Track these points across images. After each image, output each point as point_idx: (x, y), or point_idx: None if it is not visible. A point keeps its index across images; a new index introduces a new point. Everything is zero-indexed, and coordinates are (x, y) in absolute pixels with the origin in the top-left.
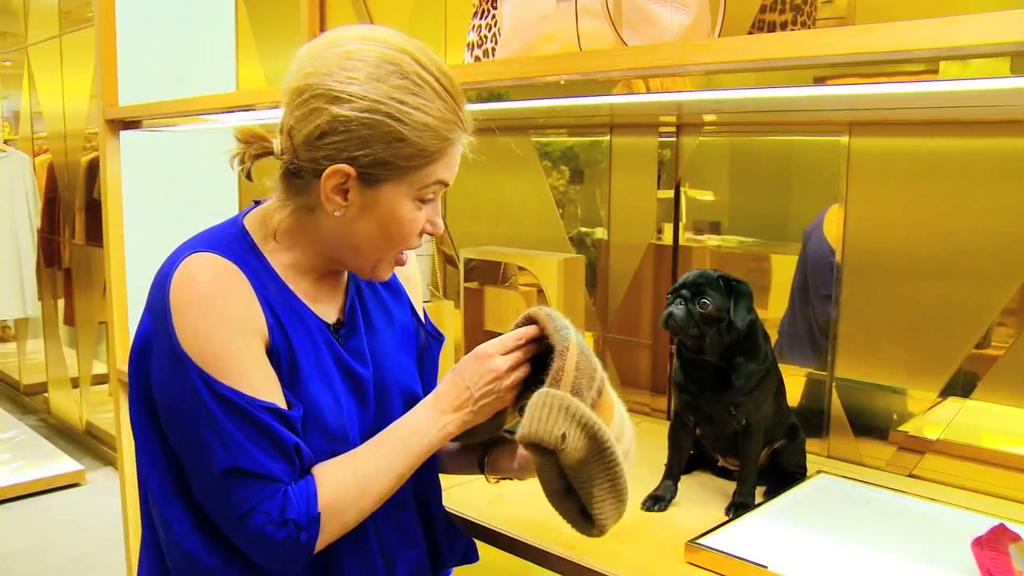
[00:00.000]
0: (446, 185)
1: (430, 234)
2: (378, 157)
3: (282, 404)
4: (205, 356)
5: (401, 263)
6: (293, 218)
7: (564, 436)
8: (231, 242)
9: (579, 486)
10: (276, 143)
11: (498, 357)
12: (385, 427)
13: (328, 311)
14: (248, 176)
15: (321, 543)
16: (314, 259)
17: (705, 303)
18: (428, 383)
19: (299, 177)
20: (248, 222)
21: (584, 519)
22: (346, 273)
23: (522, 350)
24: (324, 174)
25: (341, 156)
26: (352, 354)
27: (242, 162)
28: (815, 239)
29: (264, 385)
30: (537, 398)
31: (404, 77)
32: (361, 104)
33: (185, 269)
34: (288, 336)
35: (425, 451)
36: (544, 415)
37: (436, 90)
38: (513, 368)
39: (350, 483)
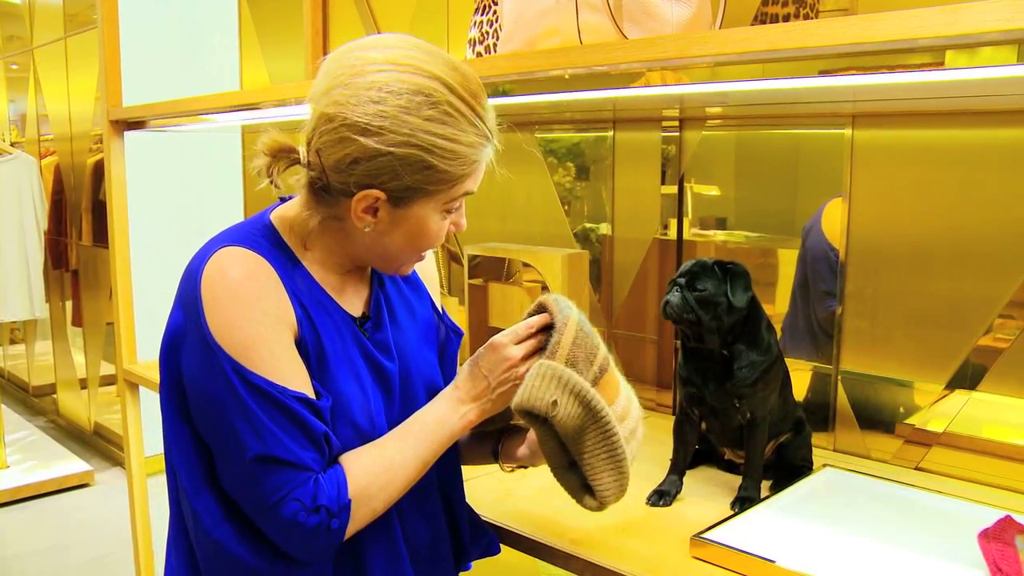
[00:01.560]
0: (471, 193)
1: (455, 232)
2: (409, 185)
3: (311, 394)
4: (236, 347)
5: (422, 258)
6: (321, 227)
7: (555, 403)
8: (260, 237)
9: (578, 458)
10: (302, 151)
11: (512, 346)
12: (369, 406)
13: (354, 304)
14: (276, 185)
15: (351, 530)
16: (341, 259)
17: (700, 287)
18: (448, 377)
19: (328, 193)
20: (276, 220)
21: (586, 492)
22: (370, 268)
23: (535, 338)
24: (355, 197)
25: (372, 182)
26: (378, 347)
27: (269, 175)
28: (814, 235)
29: (294, 376)
30: (532, 369)
31: (434, 106)
32: (392, 138)
33: (216, 262)
34: (316, 329)
35: (448, 439)
36: (537, 383)
37: (467, 116)
38: (527, 356)
39: (378, 471)
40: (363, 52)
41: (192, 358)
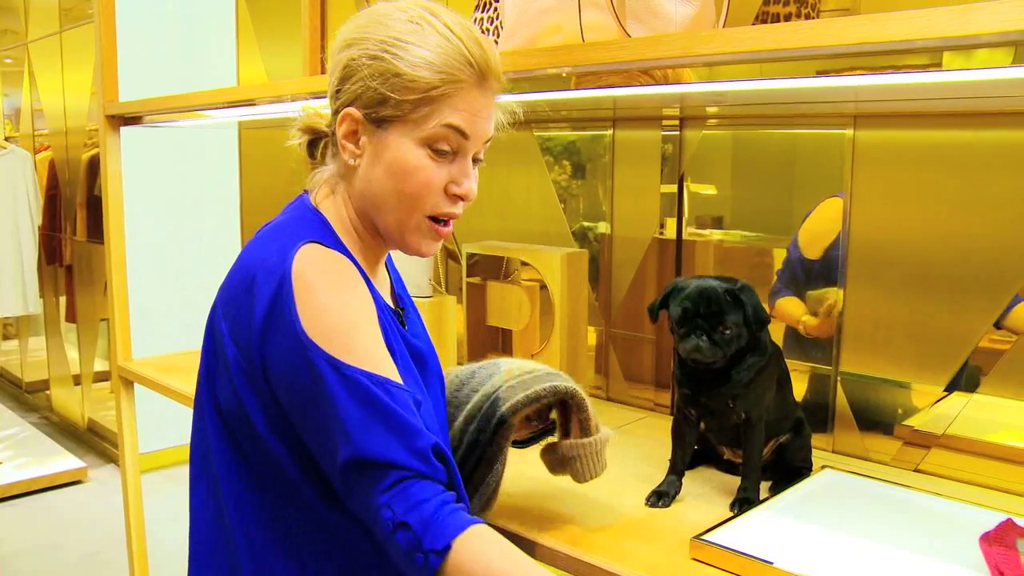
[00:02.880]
0: (463, 135)
1: (457, 196)
2: (377, 92)
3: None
4: (333, 341)
5: (441, 235)
6: (334, 190)
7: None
8: (324, 232)
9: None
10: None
11: None
12: (432, 408)
13: (388, 296)
14: (312, 155)
15: None
16: (363, 233)
17: (727, 328)
18: None
19: (334, 144)
20: (324, 212)
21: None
22: (385, 263)
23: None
24: (337, 121)
25: (351, 100)
26: (414, 336)
27: (302, 139)
28: (794, 249)
29: (391, 366)
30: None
31: (411, 21)
32: (365, 44)
33: (304, 258)
34: (383, 323)
35: None
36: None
37: (441, 31)
38: None
39: (492, 565)
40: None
41: (281, 357)
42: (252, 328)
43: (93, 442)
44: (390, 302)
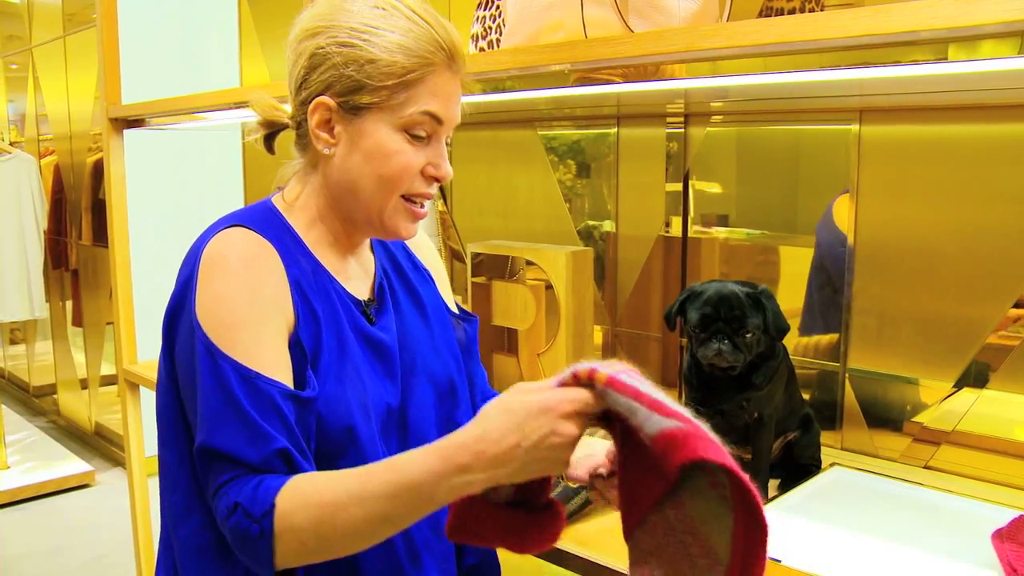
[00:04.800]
0: (438, 120)
1: (434, 179)
2: (353, 80)
3: (290, 384)
4: (216, 327)
5: (417, 215)
6: (303, 180)
7: None
8: (264, 218)
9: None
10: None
11: (570, 423)
12: (410, 412)
13: (359, 289)
14: (270, 150)
15: (281, 553)
16: (334, 224)
17: (749, 332)
18: (473, 369)
19: (302, 134)
20: (278, 202)
21: None
22: (374, 256)
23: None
24: (308, 111)
25: (322, 90)
26: (380, 330)
27: (260, 133)
28: (827, 231)
29: (272, 363)
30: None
31: (377, 7)
32: (332, 32)
33: (218, 242)
34: (316, 317)
35: (426, 507)
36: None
37: (409, 16)
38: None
39: (312, 502)
40: None
41: (182, 336)
42: (167, 307)
43: (100, 446)
44: (362, 294)
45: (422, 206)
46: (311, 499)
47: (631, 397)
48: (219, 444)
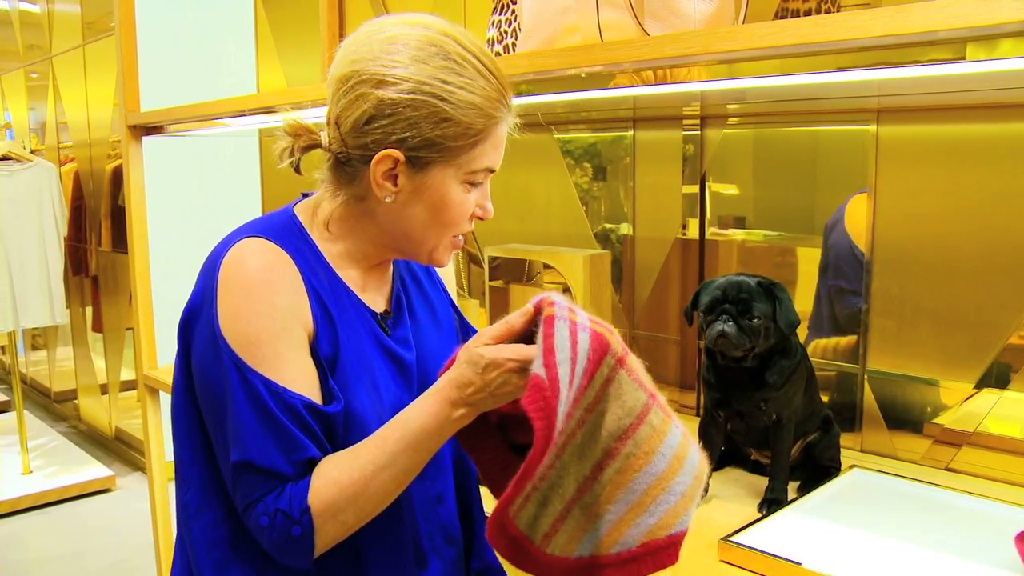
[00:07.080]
0: (493, 171)
1: (480, 218)
2: (426, 138)
3: (316, 399)
4: (241, 341)
5: (458, 247)
6: (344, 208)
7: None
8: (283, 229)
9: None
10: (324, 135)
11: (515, 374)
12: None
13: (376, 301)
14: (297, 170)
15: (322, 542)
16: (366, 247)
17: (755, 317)
18: None
19: (348, 166)
20: (299, 211)
21: None
22: (391, 266)
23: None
24: (373, 160)
25: (389, 140)
26: (398, 342)
27: (291, 155)
28: (837, 232)
29: (298, 377)
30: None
31: (447, 58)
32: (406, 86)
33: (236, 253)
34: (335, 327)
35: (435, 444)
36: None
37: (479, 69)
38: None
39: (346, 482)
40: (378, 20)
41: (201, 344)
42: (184, 310)
43: (120, 450)
44: (378, 306)
45: (465, 239)
46: (342, 481)
47: (543, 339)
48: (256, 459)
